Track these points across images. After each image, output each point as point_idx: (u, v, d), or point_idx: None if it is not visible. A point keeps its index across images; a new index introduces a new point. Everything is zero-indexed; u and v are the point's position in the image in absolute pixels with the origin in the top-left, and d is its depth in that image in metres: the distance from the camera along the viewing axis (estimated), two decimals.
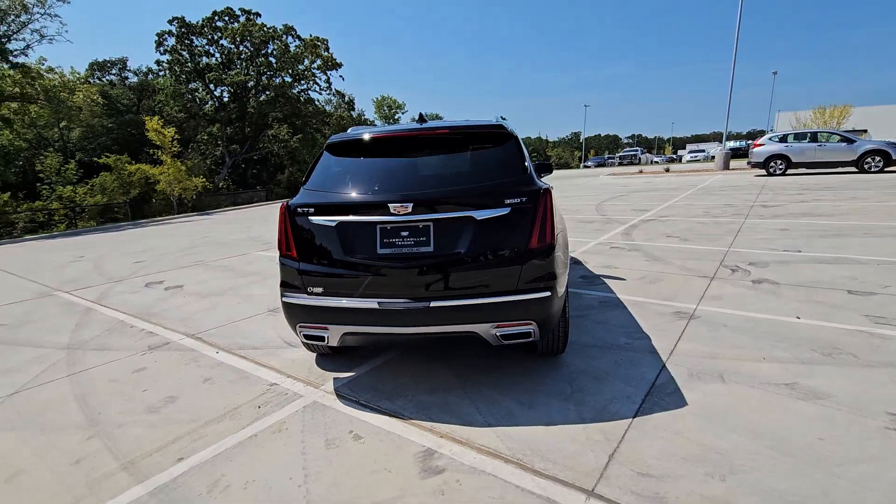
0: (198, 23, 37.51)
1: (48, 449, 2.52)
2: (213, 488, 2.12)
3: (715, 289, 4.56)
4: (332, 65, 42.07)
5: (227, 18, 38.13)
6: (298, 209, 2.70)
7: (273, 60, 38.86)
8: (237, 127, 41.75)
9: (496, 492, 2.00)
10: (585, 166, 58.66)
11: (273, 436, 2.52)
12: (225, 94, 40.53)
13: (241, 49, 39.01)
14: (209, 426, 2.65)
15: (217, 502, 2.04)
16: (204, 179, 28.34)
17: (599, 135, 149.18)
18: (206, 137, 42.50)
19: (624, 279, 5.12)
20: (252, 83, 39.23)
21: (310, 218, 2.66)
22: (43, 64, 22.47)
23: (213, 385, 3.17)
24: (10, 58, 20.03)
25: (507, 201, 2.53)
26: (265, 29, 38.23)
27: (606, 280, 5.12)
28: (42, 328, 4.73)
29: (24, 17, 19.62)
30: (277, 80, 40.36)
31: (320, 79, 43.14)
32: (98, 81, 50.36)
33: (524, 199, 2.55)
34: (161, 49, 37.70)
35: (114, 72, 55.57)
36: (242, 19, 38.19)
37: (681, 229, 7.91)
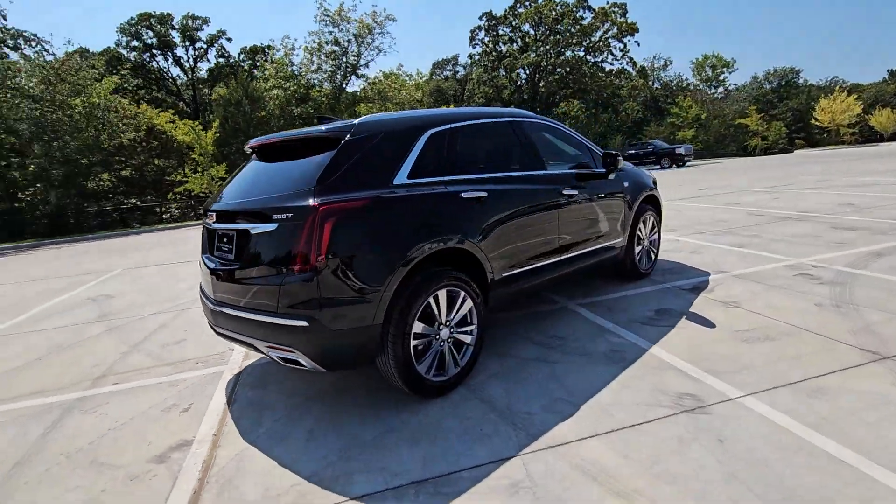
0: (502, 14, 41.35)
1: (102, 351, 3.95)
2: (91, 410, 2.96)
3: (845, 378, 2.61)
4: (627, 30, 39.17)
5: (527, 3, 40.50)
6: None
7: (561, 38, 39.14)
8: (529, 108, 44.56)
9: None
10: None
11: (162, 388, 3.19)
12: (522, 76, 43.67)
13: (538, 31, 40.95)
14: (158, 367, 3.55)
15: (78, 417, 2.86)
16: None
17: None
18: None
19: (713, 326, 3.45)
20: (544, 63, 40.83)
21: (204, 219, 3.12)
22: (400, 69, 30.00)
23: (216, 339, 4.11)
24: (358, 72, 27.52)
25: (275, 217, 2.32)
26: (557, 7, 38.72)
27: (687, 322, 3.57)
28: None
29: (368, 39, 26.46)
30: (569, 55, 40.62)
31: (615, 48, 40.93)
32: (436, 78, 62.71)
33: (290, 214, 2.27)
34: (472, 44, 43.60)
35: (448, 68, 67.83)
36: (541, 1, 39.76)
37: None
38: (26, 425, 2.83)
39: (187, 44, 36.67)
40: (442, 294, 2.66)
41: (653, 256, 4.88)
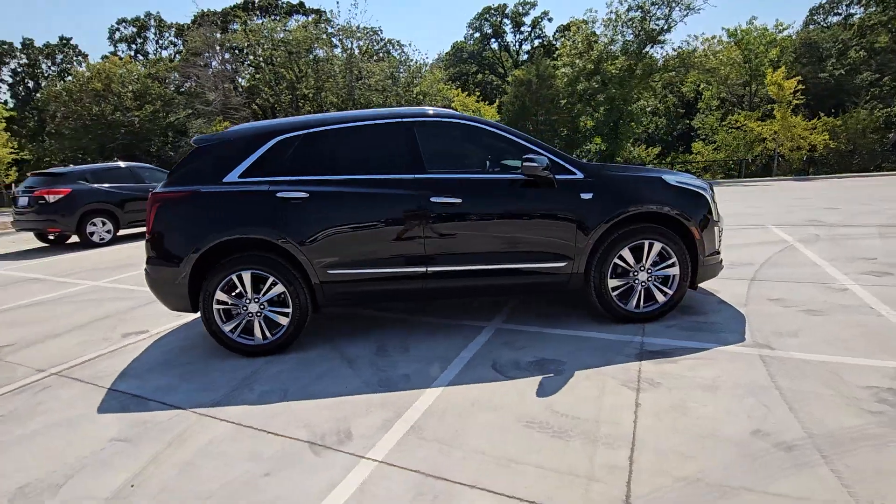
0: None
1: None
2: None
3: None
4: None
5: None
6: None
7: None
8: None
9: None
10: None
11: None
12: None
13: None
14: None
15: (147, 307, 4.93)
16: (827, 137, 23.43)
17: None
18: None
19: (541, 396, 2.66)
20: None
21: None
22: (752, 23, 25.81)
23: None
24: (659, 38, 24.53)
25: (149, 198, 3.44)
26: None
27: (528, 382, 2.85)
28: None
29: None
30: None
31: None
32: (812, 28, 48.15)
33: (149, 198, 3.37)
34: None
35: (837, 11, 50.77)
36: None
37: None
38: (126, 297, 5.10)
39: (514, 29, 41.11)
40: (246, 275, 3.26)
41: (659, 298, 3.55)
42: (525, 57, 42.58)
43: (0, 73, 40.58)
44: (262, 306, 3.33)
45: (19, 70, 41.63)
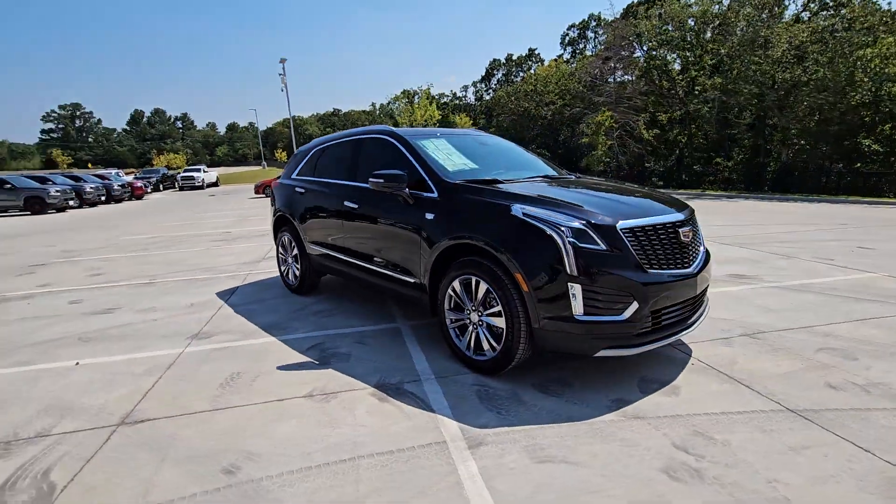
0: None
1: None
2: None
3: None
4: None
5: None
6: None
7: None
8: None
9: None
10: None
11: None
12: None
13: None
14: None
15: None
16: None
17: None
18: None
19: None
20: None
21: None
22: None
23: None
24: None
25: None
26: None
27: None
28: None
29: None
30: None
31: None
32: None
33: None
34: None
35: None
36: None
37: None
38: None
39: None
40: (285, 238, 5.08)
41: (485, 347, 2.88)
42: None
43: (490, 82, 58.06)
44: (293, 259, 5.09)
45: (501, 78, 57.75)
